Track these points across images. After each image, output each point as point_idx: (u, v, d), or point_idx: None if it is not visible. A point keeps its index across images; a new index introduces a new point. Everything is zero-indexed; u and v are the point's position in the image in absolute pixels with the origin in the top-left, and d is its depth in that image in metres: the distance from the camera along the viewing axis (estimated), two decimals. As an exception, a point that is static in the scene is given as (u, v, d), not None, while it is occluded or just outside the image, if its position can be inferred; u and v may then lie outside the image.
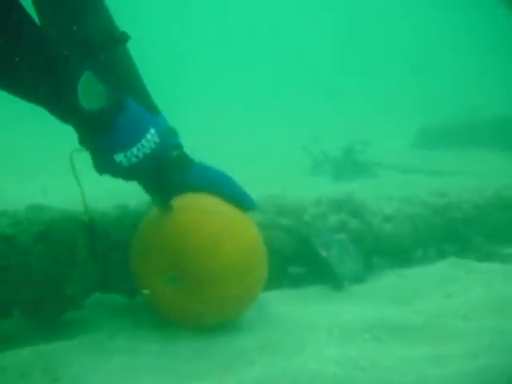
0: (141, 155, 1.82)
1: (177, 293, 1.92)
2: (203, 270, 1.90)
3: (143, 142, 1.82)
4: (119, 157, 1.80)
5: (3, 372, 1.65)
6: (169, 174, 1.94)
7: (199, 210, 1.99)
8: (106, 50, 1.81)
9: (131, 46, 2.01)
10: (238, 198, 2.04)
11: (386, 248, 2.79)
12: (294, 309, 2.24)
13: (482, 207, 3.19)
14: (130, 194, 2.23)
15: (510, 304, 2.30)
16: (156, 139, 1.86)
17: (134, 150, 1.81)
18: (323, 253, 2.42)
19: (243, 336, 1.99)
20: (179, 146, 2.01)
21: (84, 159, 1.90)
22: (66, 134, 1.92)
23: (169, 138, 1.94)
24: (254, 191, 2.14)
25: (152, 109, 1.97)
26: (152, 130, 1.85)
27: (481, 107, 10.20)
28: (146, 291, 1.94)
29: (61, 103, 1.71)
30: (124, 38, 1.88)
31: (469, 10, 22.93)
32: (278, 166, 6.86)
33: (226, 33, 31.53)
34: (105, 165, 1.84)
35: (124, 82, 1.93)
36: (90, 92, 1.70)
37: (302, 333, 2.03)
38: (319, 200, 2.67)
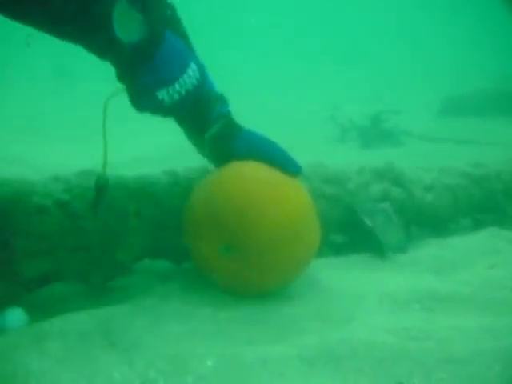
0: (183, 92, 1.73)
1: (232, 262, 1.92)
2: (256, 237, 1.90)
3: (185, 77, 1.72)
4: (162, 93, 1.70)
5: (65, 335, 1.67)
6: (208, 112, 1.88)
7: (249, 179, 1.99)
8: None
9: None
10: (284, 164, 2.02)
11: (427, 217, 2.78)
12: (340, 277, 2.24)
13: (520, 178, 3.16)
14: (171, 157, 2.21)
15: (555, 277, 2.30)
16: (197, 75, 1.76)
17: (177, 85, 1.71)
18: (368, 222, 2.41)
19: (293, 304, 2.00)
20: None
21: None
22: (96, 106, 1.86)
23: (208, 74, 1.86)
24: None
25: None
26: (193, 65, 1.75)
27: (504, 77, 10.12)
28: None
29: (97, 36, 1.61)
30: None
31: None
32: (305, 135, 6.81)
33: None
34: (146, 102, 1.74)
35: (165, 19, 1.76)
36: (126, 23, 1.58)
37: (351, 301, 2.04)
38: (362, 169, 2.65)
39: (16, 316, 1.77)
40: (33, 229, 1.81)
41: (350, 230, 2.50)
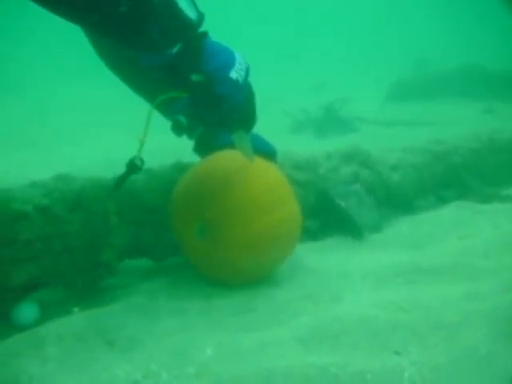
0: (244, 69, 1.74)
1: (206, 243, 1.94)
2: (218, 212, 1.91)
3: (237, 57, 1.74)
4: (233, 73, 1.70)
5: (60, 339, 1.66)
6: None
7: (219, 162, 2.04)
8: None
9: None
10: (260, 147, 2.05)
11: (395, 196, 2.86)
12: (322, 259, 2.29)
13: (477, 151, 3.28)
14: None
15: (522, 241, 2.41)
16: (241, 53, 1.78)
17: (237, 65, 1.72)
18: (342, 204, 2.47)
19: (280, 289, 2.03)
20: None
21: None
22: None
23: None
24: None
25: None
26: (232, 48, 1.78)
27: (429, 59, 10.48)
28: None
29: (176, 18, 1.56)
30: None
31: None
32: (257, 127, 6.83)
33: None
34: (223, 85, 1.70)
35: None
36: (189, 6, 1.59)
37: (337, 281, 2.08)
38: (330, 154, 2.70)
39: (29, 311, 1.78)
40: (16, 235, 1.78)
41: (325, 213, 2.54)
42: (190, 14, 1.59)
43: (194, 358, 1.59)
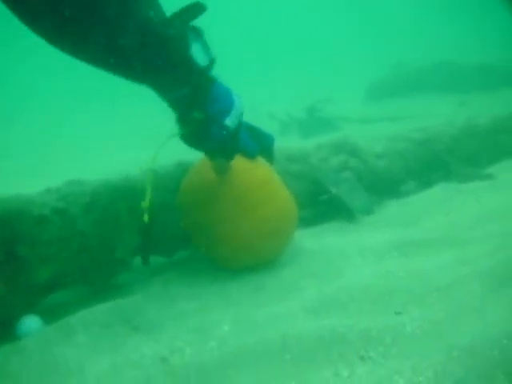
0: (238, 115, 1.84)
1: (212, 246, 2.13)
2: (209, 220, 2.10)
3: (235, 104, 1.83)
4: (228, 120, 1.79)
5: (88, 326, 1.80)
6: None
7: (198, 169, 2.21)
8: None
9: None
10: (259, 136, 2.20)
11: (383, 182, 3.02)
12: (321, 242, 2.44)
13: (456, 137, 3.46)
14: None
15: (503, 212, 2.58)
16: (239, 98, 1.87)
17: (233, 111, 1.81)
18: (334, 190, 2.62)
19: (285, 269, 2.18)
20: None
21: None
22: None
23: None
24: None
25: None
26: (233, 91, 1.87)
27: (403, 63, 10.79)
28: None
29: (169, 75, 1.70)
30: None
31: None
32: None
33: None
34: (215, 131, 1.80)
35: None
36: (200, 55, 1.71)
37: (337, 259, 2.24)
38: (320, 145, 2.86)
39: (32, 323, 1.87)
40: (38, 237, 1.92)
41: (319, 201, 2.69)
42: (201, 59, 1.71)
43: (214, 333, 1.74)
